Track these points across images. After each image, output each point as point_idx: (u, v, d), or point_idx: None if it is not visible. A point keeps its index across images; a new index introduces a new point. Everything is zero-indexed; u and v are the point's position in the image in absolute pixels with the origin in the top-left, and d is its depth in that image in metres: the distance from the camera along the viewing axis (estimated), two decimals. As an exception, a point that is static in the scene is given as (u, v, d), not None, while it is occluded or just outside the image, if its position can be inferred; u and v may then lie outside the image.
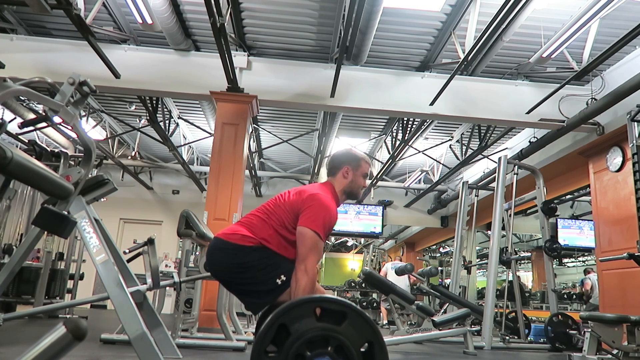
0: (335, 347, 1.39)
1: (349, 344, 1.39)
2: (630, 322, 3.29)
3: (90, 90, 2.03)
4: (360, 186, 2.24)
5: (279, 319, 1.42)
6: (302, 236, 1.94)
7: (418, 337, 4.72)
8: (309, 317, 1.43)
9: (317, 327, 1.41)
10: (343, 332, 1.41)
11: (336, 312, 1.45)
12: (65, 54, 5.56)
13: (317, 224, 1.95)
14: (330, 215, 2.03)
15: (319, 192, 2.07)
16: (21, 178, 1.44)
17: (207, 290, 5.10)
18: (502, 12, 4.10)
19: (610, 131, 5.58)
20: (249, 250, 1.96)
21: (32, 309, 5.09)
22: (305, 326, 1.41)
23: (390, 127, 8.03)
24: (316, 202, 2.01)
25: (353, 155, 2.25)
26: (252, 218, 2.07)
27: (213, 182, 5.47)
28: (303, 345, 1.39)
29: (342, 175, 2.20)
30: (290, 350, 1.38)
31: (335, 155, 2.29)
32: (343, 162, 2.22)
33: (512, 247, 5.78)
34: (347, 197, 2.24)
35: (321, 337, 1.40)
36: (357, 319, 1.45)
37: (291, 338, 1.39)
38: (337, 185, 2.20)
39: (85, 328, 0.93)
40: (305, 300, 1.51)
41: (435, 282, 7.77)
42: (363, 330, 1.44)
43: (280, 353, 1.39)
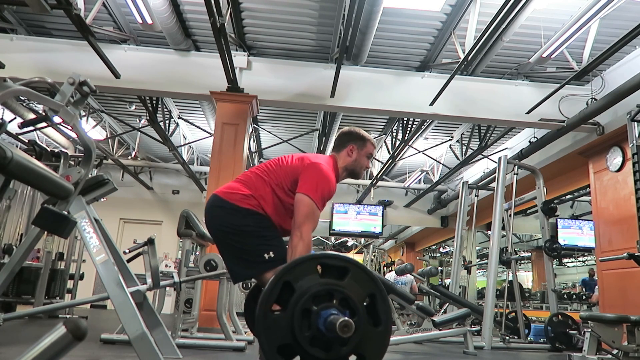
0: (339, 300, 1.42)
1: (352, 297, 1.42)
2: (630, 322, 3.28)
3: (90, 90, 2.03)
4: (363, 166, 2.27)
5: (284, 277, 1.45)
6: (300, 203, 1.96)
7: (418, 337, 4.72)
8: (313, 274, 1.46)
9: (321, 282, 1.44)
10: (346, 286, 1.44)
11: (338, 268, 1.48)
12: (65, 54, 5.56)
13: (315, 192, 1.98)
14: (329, 185, 2.05)
15: (321, 162, 2.10)
16: (21, 178, 1.44)
17: (207, 290, 5.10)
18: (502, 12, 4.10)
19: (610, 131, 5.57)
20: (246, 212, 1.98)
21: (32, 309, 5.09)
22: (309, 282, 1.43)
23: (390, 127, 8.03)
24: (317, 170, 2.04)
25: (360, 135, 2.28)
26: (251, 175, 2.10)
27: (213, 182, 5.47)
28: (309, 300, 1.41)
29: (347, 153, 2.23)
30: (297, 305, 1.40)
31: (343, 132, 2.31)
32: (350, 140, 2.25)
33: (512, 247, 5.78)
34: (348, 175, 2.28)
35: (325, 291, 1.43)
36: (359, 274, 1.49)
37: (296, 294, 1.41)
38: (340, 162, 2.23)
39: (85, 328, 0.93)
40: (308, 257, 1.53)
41: (435, 282, 7.77)
42: (365, 283, 1.47)
43: (286, 310, 1.41)
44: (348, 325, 1.33)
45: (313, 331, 1.39)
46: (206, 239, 3.77)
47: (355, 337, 1.38)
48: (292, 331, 1.39)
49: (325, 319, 1.37)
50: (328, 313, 1.39)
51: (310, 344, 1.39)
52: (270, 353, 1.41)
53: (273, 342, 1.41)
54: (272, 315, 1.42)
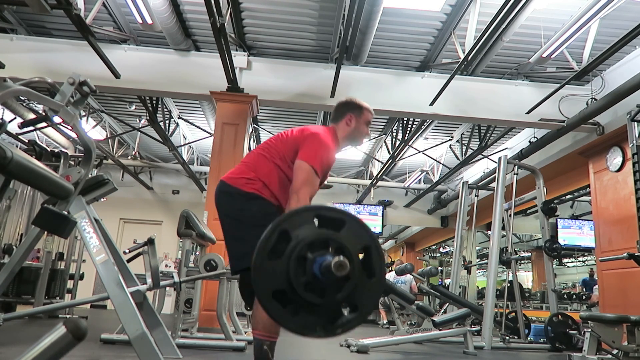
0: (335, 249, 1.45)
1: (348, 246, 1.44)
2: (630, 322, 3.29)
3: (90, 90, 2.03)
4: (363, 133, 2.32)
5: (281, 225, 1.47)
6: (298, 168, 2.00)
7: (418, 337, 4.73)
8: (309, 224, 1.48)
9: (317, 232, 1.47)
10: (342, 237, 1.47)
11: (335, 220, 1.50)
12: (65, 54, 5.56)
13: (314, 159, 2.01)
14: (328, 154, 2.08)
15: (321, 132, 2.13)
16: (21, 178, 1.44)
17: (207, 290, 5.10)
18: (502, 12, 4.11)
19: (610, 131, 5.57)
20: (250, 196, 2.02)
21: (32, 309, 5.09)
22: (306, 232, 1.46)
23: (390, 127, 8.03)
24: (316, 139, 2.08)
25: (357, 104, 2.32)
26: (254, 156, 2.14)
27: (213, 182, 5.47)
28: (305, 248, 1.43)
29: (346, 122, 2.28)
30: (293, 252, 1.42)
31: (340, 103, 2.36)
32: (347, 109, 2.30)
33: (512, 247, 5.78)
34: (349, 144, 2.33)
35: (322, 240, 1.46)
36: (355, 226, 1.50)
37: (292, 242, 1.44)
38: (340, 132, 2.28)
39: (85, 328, 0.94)
40: (305, 208, 1.57)
41: (435, 282, 7.77)
42: (361, 236, 1.50)
43: (282, 258, 1.44)
44: (343, 264, 1.35)
45: (308, 277, 1.42)
46: (206, 239, 3.76)
47: (349, 285, 1.42)
48: (287, 277, 1.42)
49: (321, 264, 1.40)
50: (323, 258, 1.41)
51: (305, 289, 1.42)
52: (265, 298, 1.43)
53: (268, 287, 1.43)
54: (268, 262, 1.45)
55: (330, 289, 1.43)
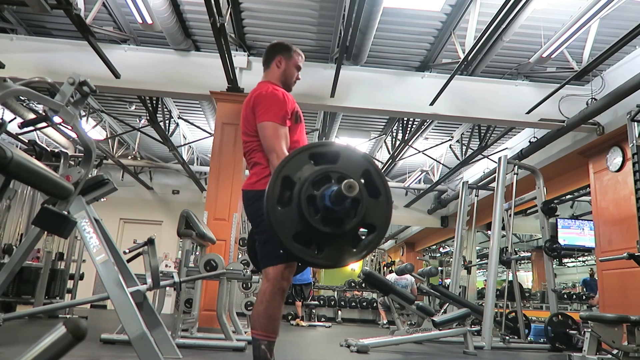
0: (337, 179, 1.47)
1: (350, 174, 1.47)
2: (630, 322, 3.29)
3: (90, 90, 2.03)
4: (293, 76, 2.29)
5: (281, 172, 1.50)
6: (261, 130, 1.99)
7: (418, 337, 4.72)
8: (307, 164, 1.51)
9: (317, 169, 1.50)
10: (341, 166, 1.50)
11: (329, 154, 1.53)
12: (65, 54, 5.56)
13: (270, 114, 1.99)
14: (279, 100, 2.04)
15: (261, 89, 2.12)
16: (21, 178, 1.44)
17: (207, 290, 5.10)
18: (502, 12, 4.11)
19: (610, 131, 5.57)
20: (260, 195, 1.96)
21: (32, 309, 5.09)
22: (307, 172, 1.49)
23: (390, 127, 8.03)
24: (260, 98, 2.07)
25: (285, 46, 2.31)
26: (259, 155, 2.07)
27: (213, 182, 5.47)
28: (310, 187, 1.46)
29: (276, 65, 2.27)
30: (300, 194, 1.45)
31: (269, 47, 2.33)
32: (276, 52, 2.28)
33: (512, 247, 5.78)
34: (284, 89, 2.24)
35: (323, 175, 1.48)
36: (350, 154, 1.54)
37: (297, 185, 1.47)
38: (272, 77, 2.26)
39: (85, 328, 0.93)
40: (298, 150, 1.57)
41: (435, 282, 7.77)
42: (357, 162, 1.53)
43: (290, 203, 1.47)
44: (352, 184, 1.36)
45: (322, 211, 1.45)
46: (206, 239, 3.77)
47: (361, 207, 1.46)
48: (302, 218, 1.45)
49: (330, 195, 1.43)
50: (330, 190, 1.43)
51: (323, 224, 1.45)
52: (288, 242, 1.47)
53: (288, 232, 1.47)
54: (280, 209, 1.47)
55: (345, 216, 1.46)
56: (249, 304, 5.69)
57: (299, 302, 8.22)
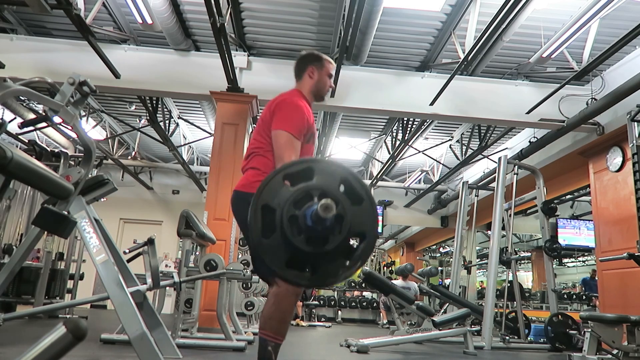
0: (318, 196, 1.44)
1: (328, 189, 1.44)
2: (630, 322, 3.29)
3: (90, 90, 2.03)
4: (326, 85, 2.29)
5: (259, 202, 1.47)
6: (275, 137, 1.99)
7: (418, 337, 4.72)
8: (283, 187, 1.48)
9: (293, 190, 1.47)
10: (317, 182, 1.46)
11: (303, 172, 1.50)
12: (65, 54, 5.56)
13: (287, 123, 1.99)
14: (301, 113, 2.05)
15: (287, 96, 2.12)
16: (21, 178, 1.44)
17: (207, 290, 5.10)
18: (502, 12, 4.11)
19: (610, 131, 5.57)
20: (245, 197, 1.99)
21: (32, 309, 5.09)
22: (284, 195, 1.46)
23: (390, 127, 8.03)
24: (284, 105, 2.06)
25: (316, 56, 2.30)
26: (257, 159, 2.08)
27: (213, 182, 5.47)
28: (291, 208, 1.42)
29: (308, 75, 2.27)
30: (282, 219, 1.42)
31: (299, 58, 2.34)
32: (308, 63, 2.28)
33: (512, 247, 5.78)
34: (315, 98, 2.29)
35: (302, 195, 1.45)
36: (324, 167, 1.51)
37: (277, 211, 1.44)
38: (305, 87, 2.26)
39: (85, 328, 0.93)
40: (270, 176, 1.53)
41: (435, 282, 7.77)
42: (333, 173, 1.49)
43: (275, 232, 1.44)
44: (327, 205, 1.33)
45: (306, 232, 1.42)
46: (206, 239, 3.77)
47: (346, 222, 1.42)
48: (289, 244, 1.42)
49: (311, 214, 1.39)
50: (311, 209, 1.40)
51: (309, 244, 1.42)
52: (282, 271, 1.45)
53: (279, 262, 1.44)
54: (266, 239, 1.45)
55: (330, 233, 1.43)
56: (249, 304, 5.69)
57: (299, 302, 8.23)
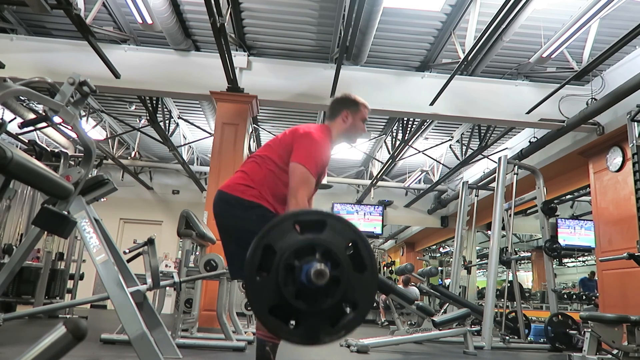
0: (321, 253, 1.41)
1: (333, 249, 1.41)
2: (630, 322, 3.29)
3: (90, 90, 2.03)
4: (360, 130, 2.28)
5: (263, 240, 1.44)
6: (293, 171, 1.98)
7: (418, 337, 4.73)
8: (291, 232, 1.45)
9: (300, 239, 1.44)
10: (325, 238, 1.43)
11: (315, 222, 1.46)
12: (65, 54, 5.56)
13: (308, 160, 1.98)
14: (322, 152, 2.06)
15: (313, 131, 2.10)
16: (21, 178, 1.44)
17: (207, 290, 5.10)
18: (502, 12, 4.10)
19: (610, 131, 5.57)
20: (248, 205, 2.00)
21: (32, 309, 5.09)
22: (289, 241, 1.43)
23: (390, 127, 8.03)
24: (309, 139, 2.04)
25: (352, 100, 2.27)
26: (248, 164, 2.11)
27: (213, 182, 5.47)
28: (291, 256, 1.40)
29: (342, 119, 2.24)
30: (280, 264, 1.39)
31: (335, 99, 2.31)
32: (343, 106, 2.25)
33: (512, 247, 5.78)
34: (345, 141, 2.29)
35: (306, 246, 1.42)
36: (337, 224, 1.47)
37: (278, 254, 1.41)
38: (336, 129, 2.23)
39: (85, 328, 0.94)
40: (282, 218, 1.51)
41: (435, 282, 7.77)
42: (344, 232, 1.46)
43: (270, 272, 1.41)
44: (322, 272, 1.32)
45: (297, 285, 1.40)
46: (206, 239, 3.76)
47: (341, 287, 1.39)
48: (279, 291, 1.40)
49: (307, 271, 1.37)
50: (309, 266, 1.38)
51: (295, 298, 1.39)
52: (263, 316, 1.41)
53: (264, 305, 1.41)
54: (258, 279, 1.43)
55: (323, 294, 1.39)
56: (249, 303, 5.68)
57: None
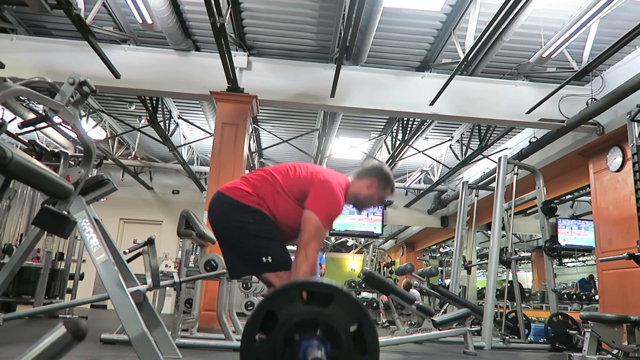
0: (324, 331, 1.39)
1: (337, 327, 1.38)
2: (630, 322, 3.29)
3: (90, 90, 2.03)
4: (373, 204, 2.26)
5: (266, 306, 1.42)
6: (307, 221, 1.97)
7: (418, 337, 4.72)
8: (296, 301, 1.42)
9: (304, 311, 1.40)
10: (331, 314, 1.40)
11: (323, 294, 1.43)
12: (65, 54, 5.56)
13: (323, 212, 1.98)
14: (338, 207, 2.05)
15: (333, 181, 2.08)
16: (21, 178, 1.44)
17: (207, 290, 5.10)
18: (502, 12, 4.10)
19: (610, 131, 5.57)
20: (246, 209, 2.01)
21: (32, 309, 5.09)
22: (292, 311, 1.40)
23: (390, 127, 8.03)
24: (328, 190, 2.03)
25: (386, 177, 2.23)
26: (257, 177, 2.12)
27: (213, 182, 5.47)
28: (292, 329, 1.38)
29: (367, 185, 2.20)
30: (279, 334, 1.38)
31: (372, 165, 2.28)
32: (375, 175, 2.21)
33: (512, 247, 5.78)
34: (354, 204, 2.24)
35: (309, 320, 1.39)
36: (345, 300, 1.43)
37: (279, 323, 1.39)
38: (355, 188, 2.19)
39: (85, 328, 0.94)
40: (289, 285, 1.50)
41: (435, 282, 7.77)
42: (351, 311, 1.42)
43: (269, 339, 1.39)
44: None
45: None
46: (206, 239, 3.76)
47: None
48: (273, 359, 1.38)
49: (305, 350, 1.35)
50: (308, 344, 1.36)
51: None
52: None
53: None
54: (255, 344, 1.41)
55: None
56: (249, 303, 5.69)
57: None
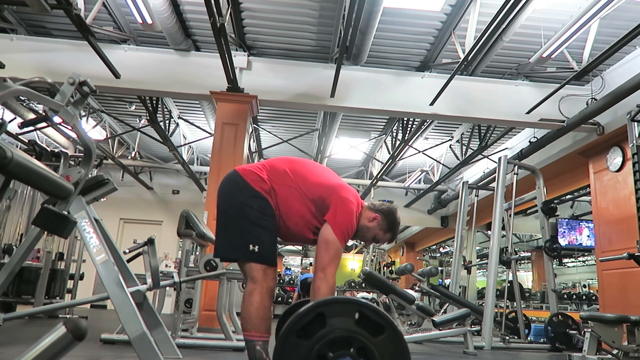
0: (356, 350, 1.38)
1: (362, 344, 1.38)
2: (630, 322, 3.29)
3: (90, 90, 2.03)
4: (367, 239, 2.24)
5: (320, 308, 1.43)
6: (327, 243, 1.98)
7: (418, 337, 4.72)
8: (349, 317, 1.43)
9: (355, 330, 1.40)
10: (378, 345, 1.38)
11: (375, 323, 1.42)
12: (65, 54, 5.56)
13: (343, 233, 2.02)
14: (352, 229, 2.09)
15: (353, 201, 2.09)
16: (21, 178, 1.44)
17: (207, 290, 5.10)
18: (502, 12, 4.11)
19: (610, 131, 5.57)
20: (254, 193, 2.01)
21: (32, 309, 5.09)
22: (342, 324, 1.40)
23: (390, 127, 8.03)
24: (348, 211, 2.05)
25: (392, 221, 2.22)
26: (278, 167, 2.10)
27: (213, 182, 5.47)
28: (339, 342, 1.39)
29: (371, 217, 2.18)
30: (324, 338, 1.38)
31: (390, 206, 2.25)
32: (383, 213, 2.19)
33: (512, 247, 5.78)
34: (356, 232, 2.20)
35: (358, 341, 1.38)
36: (394, 338, 1.42)
37: (326, 329, 1.39)
38: (364, 217, 2.18)
39: (85, 328, 0.93)
40: (350, 300, 1.51)
41: (435, 282, 7.77)
42: (396, 350, 1.40)
43: (309, 339, 1.40)
44: None
45: None
46: (206, 239, 3.76)
47: None
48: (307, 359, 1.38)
49: None
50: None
51: None
52: None
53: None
54: (294, 338, 1.41)
55: None
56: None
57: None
